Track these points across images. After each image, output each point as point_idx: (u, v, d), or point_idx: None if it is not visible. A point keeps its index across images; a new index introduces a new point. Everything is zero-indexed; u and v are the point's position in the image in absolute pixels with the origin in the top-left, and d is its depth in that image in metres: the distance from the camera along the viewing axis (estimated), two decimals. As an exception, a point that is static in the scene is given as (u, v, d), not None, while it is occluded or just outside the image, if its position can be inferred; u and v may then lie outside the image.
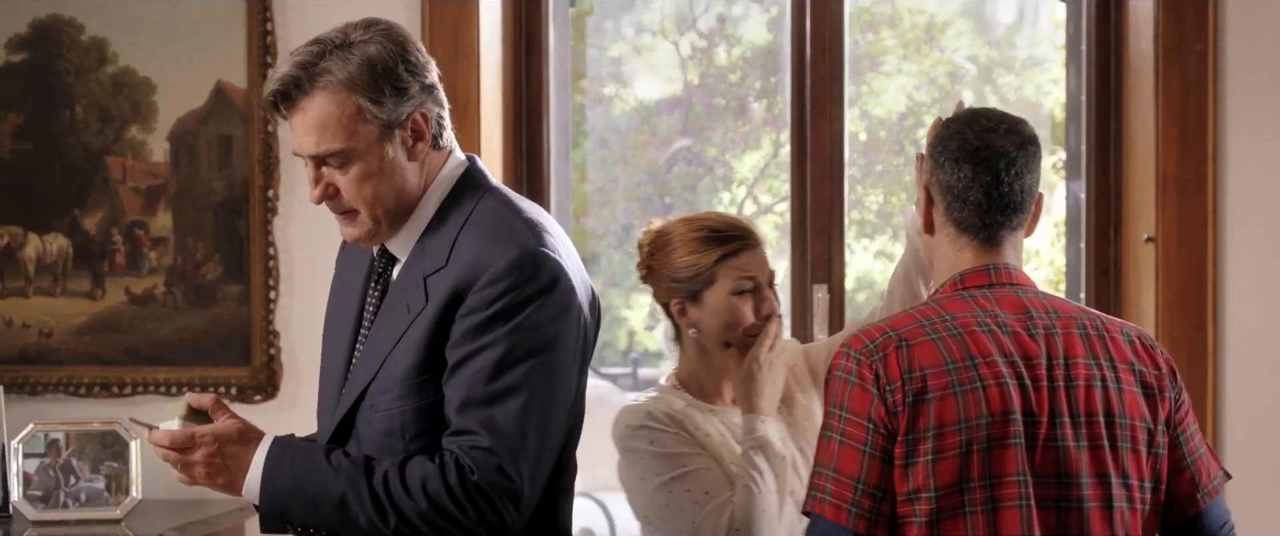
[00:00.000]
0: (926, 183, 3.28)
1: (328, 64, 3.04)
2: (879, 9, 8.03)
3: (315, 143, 3.05)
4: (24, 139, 5.09)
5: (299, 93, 3.05)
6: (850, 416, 3.07)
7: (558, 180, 5.29)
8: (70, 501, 4.81)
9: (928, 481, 3.03)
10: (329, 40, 3.06)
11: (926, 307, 3.17)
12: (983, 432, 3.05)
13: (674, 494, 3.49)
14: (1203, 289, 4.88)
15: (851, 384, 3.08)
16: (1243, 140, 4.91)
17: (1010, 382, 3.08)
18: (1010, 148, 3.21)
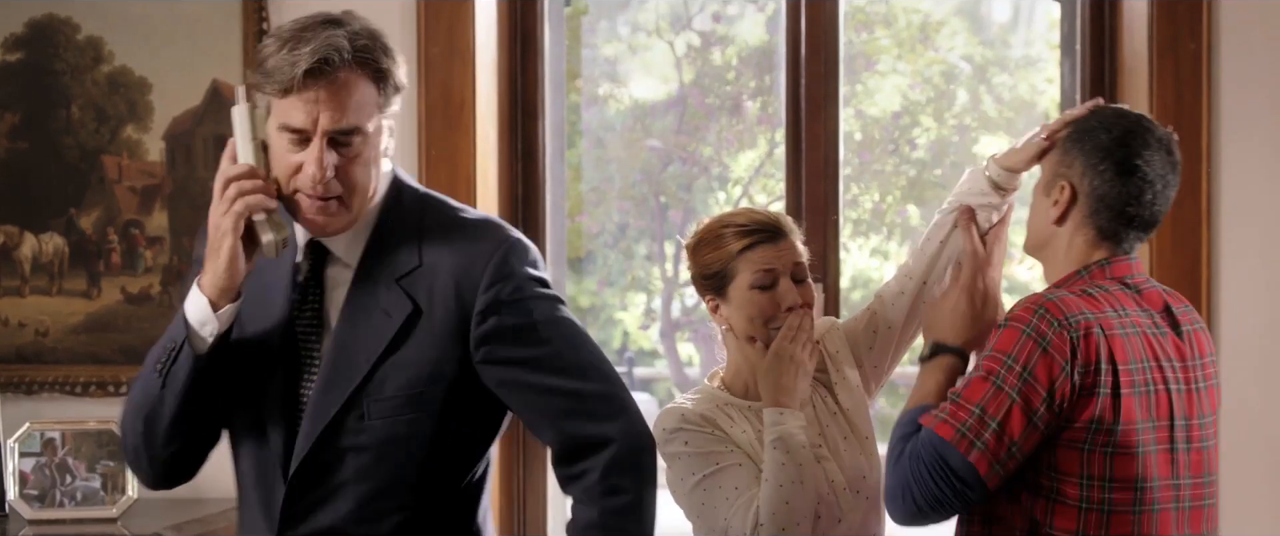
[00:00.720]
0: (1068, 177, 3.35)
1: (366, 44, 3.03)
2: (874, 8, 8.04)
3: (339, 118, 3.01)
4: (20, 138, 5.10)
5: (340, 65, 3.00)
6: (1032, 381, 3.14)
7: (553, 180, 5.29)
8: (66, 500, 4.81)
9: (1104, 471, 3.15)
10: (349, 23, 3.04)
11: (1105, 295, 3.27)
12: (1152, 435, 3.18)
13: (708, 491, 3.50)
14: (1197, 288, 4.88)
15: (1042, 349, 3.15)
16: (1237, 140, 4.92)
17: (1172, 388, 3.23)
18: (1166, 172, 3.35)
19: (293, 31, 3.00)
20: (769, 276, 3.56)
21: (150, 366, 3.06)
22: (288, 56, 2.96)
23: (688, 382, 8.73)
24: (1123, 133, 3.32)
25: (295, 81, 2.96)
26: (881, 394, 4.00)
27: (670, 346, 8.93)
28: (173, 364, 3.04)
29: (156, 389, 3.05)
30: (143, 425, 3.09)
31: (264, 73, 2.99)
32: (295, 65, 2.95)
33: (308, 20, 3.02)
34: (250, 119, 3.05)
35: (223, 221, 3.00)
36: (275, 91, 2.99)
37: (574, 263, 8.42)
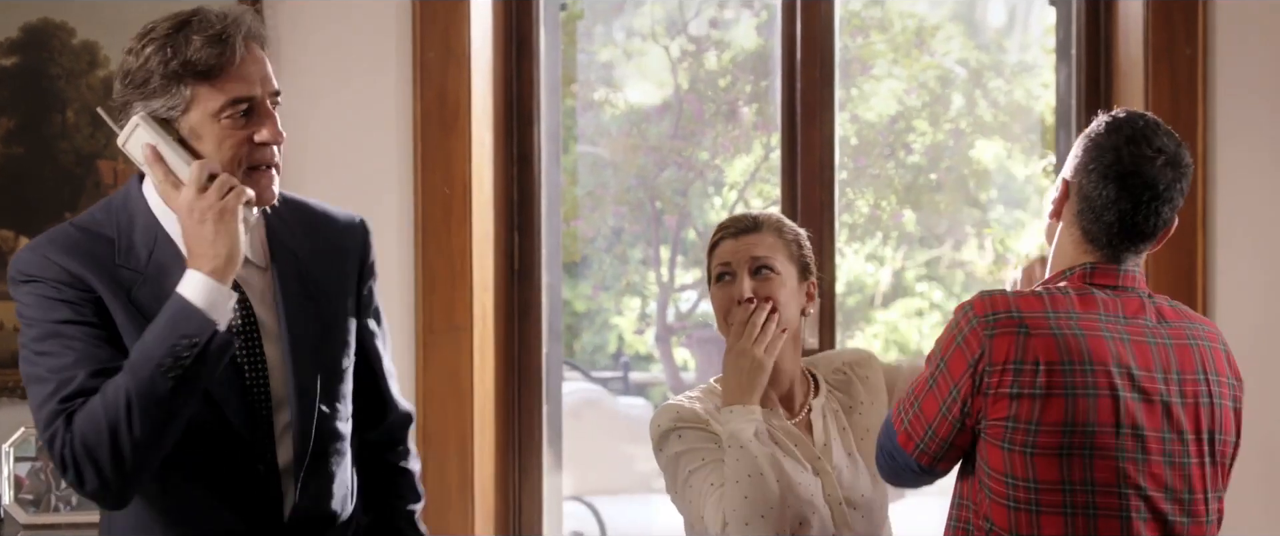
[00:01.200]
0: (1068, 173, 3.34)
1: (255, 20, 3.19)
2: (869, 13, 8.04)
3: (272, 82, 3.18)
4: (15, 143, 5.09)
5: (256, 36, 3.18)
6: (945, 373, 3.21)
7: (548, 184, 5.29)
8: (61, 505, 4.81)
9: (1026, 472, 3.13)
10: (216, 9, 3.16)
11: (1059, 295, 3.24)
12: (1086, 439, 3.13)
13: (692, 487, 3.50)
14: (1192, 293, 4.89)
15: (957, 344, 3.20)
16: (1232, 144, 4.92)
17: (1122, 394, 3.15)
18: (1161, 180, 3.29)
19: (178, 25, 3.10)
20: (725, 268, 3.58)
21: (150, 376, 2.96)
22: (207, 41, 3.06)
23: (683, 387, 8.72)
24: (1122, 139, 3.28)
25: (233, 58, 3.07)
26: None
27: (666, 351, 8.92)
28: (196, 360, 2.98)
29: (165, 393, 2.96)
30: (147, 436, 2.97)
31: (184, 64, 3.06)
32: (228, 42, 3.06)
33: (177, 17, 3.13)
34: (157, 128, 3.08)
35: (225, 202, 3.03)
36: (205, 78, 3.06)
37: (569, 267, 8.42)
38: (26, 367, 3.08)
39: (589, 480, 8.37)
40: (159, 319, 3.00)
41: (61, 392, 3.00)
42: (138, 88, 3.08)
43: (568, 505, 7.35)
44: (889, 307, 8.85)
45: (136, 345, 3.01)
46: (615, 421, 8.88)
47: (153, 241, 3.14)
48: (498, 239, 5.19)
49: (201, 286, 3.00)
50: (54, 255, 3.09)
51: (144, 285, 3.10)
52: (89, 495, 3.05)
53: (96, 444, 2.97)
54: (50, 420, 3.00)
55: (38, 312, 3.07)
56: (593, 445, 8.49)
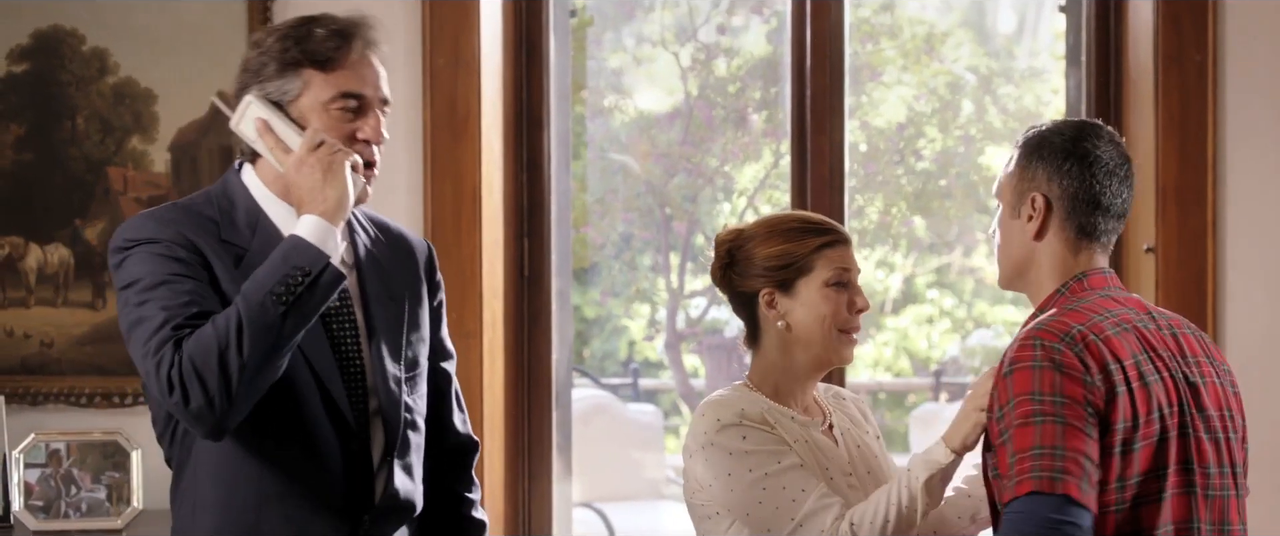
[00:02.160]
0: (1035, 189, 3.34)
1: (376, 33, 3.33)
2: (879, 19, 8.04)
3: (384, 89, 3.29)
4: (25, 149, 5.10)
5: (378, 43, 3.32)
6: (1068, 401, 3.10)
7: (558, 191, 5.29)
8: (71, 511, 4.82)
9: (1132, 469, 3.14)
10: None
11: (1089, 305, 3.27)
12: (1165, 423, 3.18)
13: (768, 490, 3.40)
14: (1203, 299, 4.88)
15: (1059, 370, 3.11)
16: (1242, 150, 4.92)
17: (1172, 376, 3.23)
18: (1123, 161, 3.38)
19: (303, 20, 3.25)
20: (846, 275, 3.55)
21: (261, 301, 3.05)
22: (328, 34, 3.21)
23: (693, 394, 8.73)
24: (1074, 132, 3.35)
25: (350, 53, 3.22)
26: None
27: (675, 358, 8.92)
28: (306, 289, 3.08)
29: (275, 319, 3.05)
30: (255, 361, 3.05)
31: (304, 51, 3.20)
32: (347, 38, 3.22)
33: (303, 16, 3.28)
34: (271, 107, 3.21)
35: (334, 159, 3.17)
36: (319, 67, 3.20)
37: (579, 273, 8.42)
38: (130, 314, 3.14)
39: (598, 486, 8.37)
40: (274, 254, 3.12)
41: (173, 321, 3.09)
42: (254, 73, 3.24)
43: (577, 511, 7.35)
44: (899, 314, 8.85)
45: (249, 279, 3.10)
46: (625, 428, 8.88)
47: (254, 222, 3.27)
48: (507, 245, 5.20)
49: (313, 225, 3.12)
50: (167, 222, 3.21)
51: (249, 261, 3.20)
52: (192, 415, 3.08)
53: (204, 364, 3.04)
54: (159, 347, 3.08)
55: (147, 268, 3.15)
56: (602, 451, 8.50)
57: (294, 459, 3.24)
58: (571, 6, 5.44)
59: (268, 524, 3.25)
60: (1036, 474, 3.05)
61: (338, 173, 3.15)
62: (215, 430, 3.12)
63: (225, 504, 3.26)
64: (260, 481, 3.23)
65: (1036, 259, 3.38)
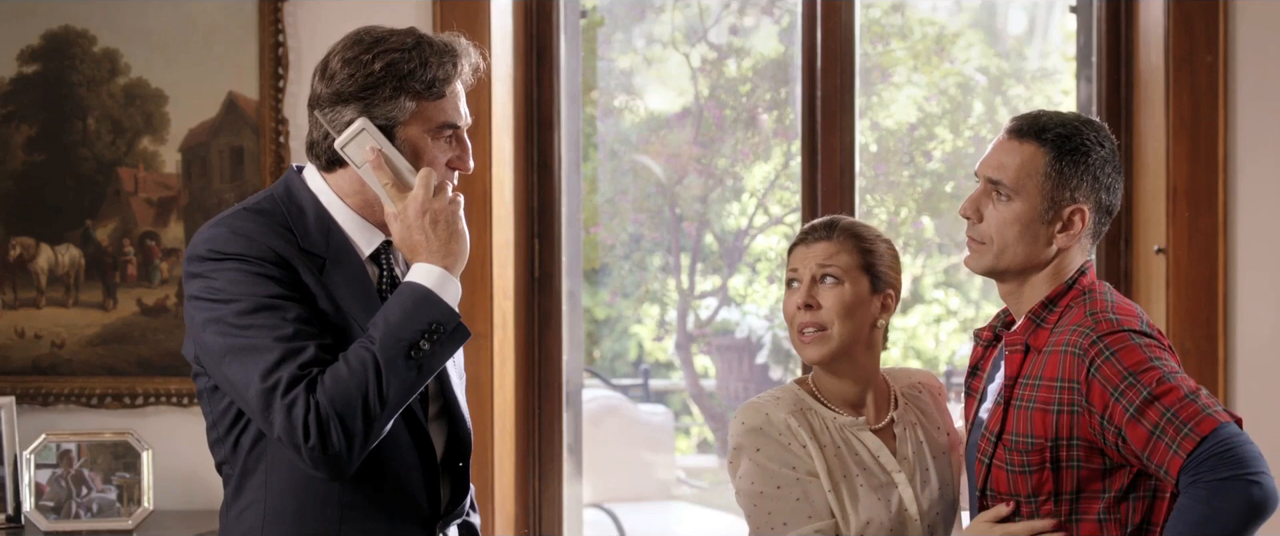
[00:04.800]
0: (1076, 201, 3.37)
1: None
2: (890, 20, 8.03)
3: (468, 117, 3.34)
4: (36, 150, 5.11)
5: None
6: (1167, 349, 3.29)
7: (568, 191, 5.29)
8: (82, 512, 4.82)
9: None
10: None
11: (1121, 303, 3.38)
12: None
13: (758, 509, 3.49)
14: (1213, 300, 4.88)
15: (1149, 336, 3.26)
16: (1253, 152, 4.92)
17: None
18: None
19: (417, 42, 3.24)
20: (793, 275, 3.57)
21: (401, 354, 3.09)
22: (442, 63, 3.22)
23: (703, 395, 8.73)
24: (1109, 138, 3.39)
25: (459, 81, 3.27)
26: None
27: (686, 358, 8.91)
28: (441, 343, 3.13)
29: (412, 371, 3.10)
30: (392, 406, 3.10)
31: (420, 81, 3.20)
32: (458, 68, 3.26)
33: (412, 34, 3.26)
34: (381, 134, 3.19)
35: (455, 211, 3.22)
36: (430, 96, 3.22)
37: (589, 274, 8.41)
38: (229, 341, 3.11)
39: (609, 487, 8.37)
40: (397, 302, 3.13)
41: (297, 360, 3.07)
42: (361, 93, 3.19)
43: (588, 512, 7.35)
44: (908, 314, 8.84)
45: (378, 324, 3.11)
46: (635, 428, 8.87)
47: (326, 228, 3.25)
48: (518, 246, 5.20)
49: (438, 277, 3.16)
50: (254, 235, 3.17)
51: (330, 269, 3.22)
52: (325, 458, 3.07)
53: (346, 408, 3.05)
54: (289, 385, 3.05)
55: (242, 288, 3.12)
56: (613, 452, 8.49)
57: (373, 468, 3.22)
58: (582, 7, 5.44)
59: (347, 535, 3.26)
60: (1209, 411, 3.13)
61: (461, 225, 3.20)
62: (343, 474, 3.13)
63: (300, 514, 3.23)
64: (341, 492, 3.22)
65: (1046, 262, 3.39)
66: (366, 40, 3.21)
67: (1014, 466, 3.31)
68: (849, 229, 3.59)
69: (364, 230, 3.24)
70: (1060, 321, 3.34)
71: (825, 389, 3.60)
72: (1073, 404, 3.24)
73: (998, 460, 3.35)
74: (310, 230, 3.23)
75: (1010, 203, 3.37)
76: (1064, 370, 3.26)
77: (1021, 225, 3.37)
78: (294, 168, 3.33)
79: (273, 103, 5.02)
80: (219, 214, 3.28)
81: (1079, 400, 3.23)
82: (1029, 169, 3.35)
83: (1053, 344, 3.32)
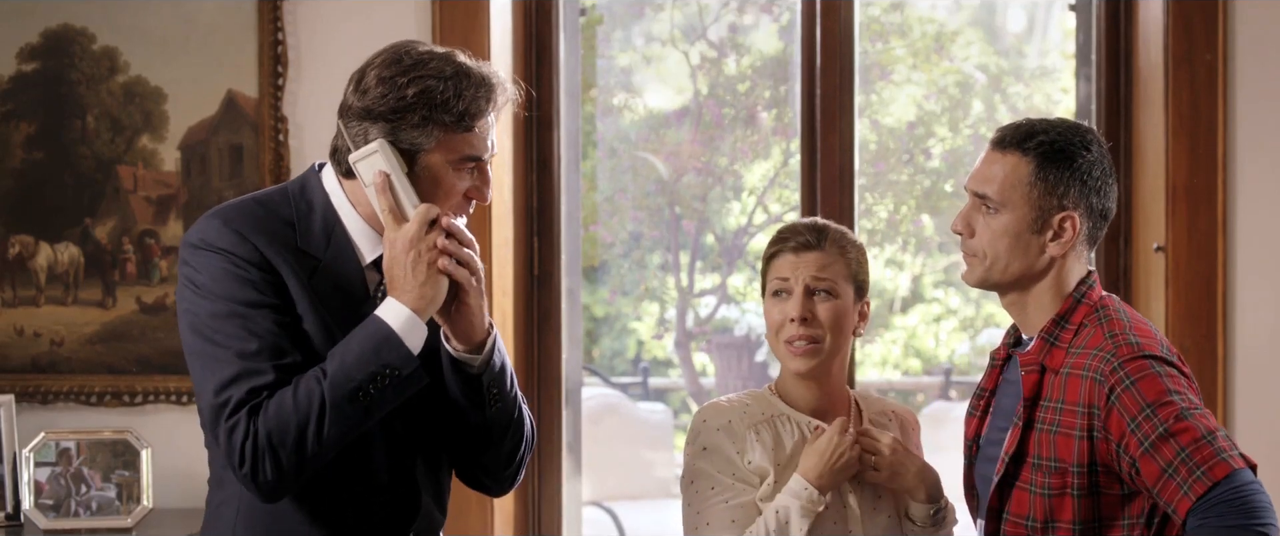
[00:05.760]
0: (1066, 209, 3.35)
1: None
2: (889, 18, 8.04)
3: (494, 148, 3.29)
4: (35, 148, 5.10)
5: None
6: (1188, 381, 3.26)
7: (568, 190, 5.29)
8: (81, 510, 4.82)
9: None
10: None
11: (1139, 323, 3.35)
12: None
13: (691, 504, 3.52)
14: (1213, 298, 4.88)
15: (1175, 363, 3.25)
16: (1252, 150, 4.91)
17: None
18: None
19: (457, 72, 3.18)
20: (783, 284, 3.54)
21: (349, 394, 3.07)
22: (476, 95, 3.17)
23: (703, 393, 8.73)
24: (1098, 141, 3.37)
25: (490, 116, 3.21)
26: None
27: (685, 356, 8.92)
28: (392, 387, 3.10)
29: (359, 411, 3.08)
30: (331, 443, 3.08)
31: (451, 113, 3.15)
32: (493, 102, 3.20)
33: (449, 61, 3.20)
34: (394, 158, 3.16)
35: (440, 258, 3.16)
36: (459, 128, 3.16)
37: (588, 272, 8.42)
38: (197, 341, 3.13)
39: (608, 485, 8.37)
40: (360, 338, 3.11)
41: (249, 383, 3.08)
42: (389, 115, 3.16)
43: (587, 510, 7.35)
44: (907, 313, 8.85)
45: (335, 357, 3.10)
46: (635, 427, 8.87)
47: (330, 230, 3.24)
48: (517, 244, 5.20)
49: (405, 319, 3.11)
50: (246, 231, 3.16)
51: (322, 273, 3.20)
52: (258, 486, 3.09)
53: (281, 442, 3.05)
54: (234, 408, 3.07)
55: (220, 287, 3.13)
56: (612, 450, 8.50)
57: (344, 474, 3.23)
58: (581, 5, 5.44)
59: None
60: (1224, 455, 3.11)
61: (440, 275, 3.15)
62: (275, 498, 3.15)
63: (274, 512, 3.23)
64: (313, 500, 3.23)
65: (1048, 272, 3.38)
66: (406, 61, 3.17)
67: (1037, 488, 3.29)
68: (838, 237, 3.57)
69: (370, 238, 3.23)
70: (1075, 340, 3.32)
71: (793, 394, 3.58)
72: (1093, 429, 3.22)
73: (1022, 481, 3.32)
74: (313, 228, 3.22)
75: (998, 215, 3.34)
76: (1085, 395, 3.24)
77: (1011, 237, 3.34)
78: (315, 165, 3.33)
79: (272, 101, 5.01)
80: (230, 199, 3.31)
81: (1099, 426, 3.21)
82: (1013, 179, 3.33)
83: (1071, 366, 3.29)
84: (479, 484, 3.48)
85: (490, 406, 3.25)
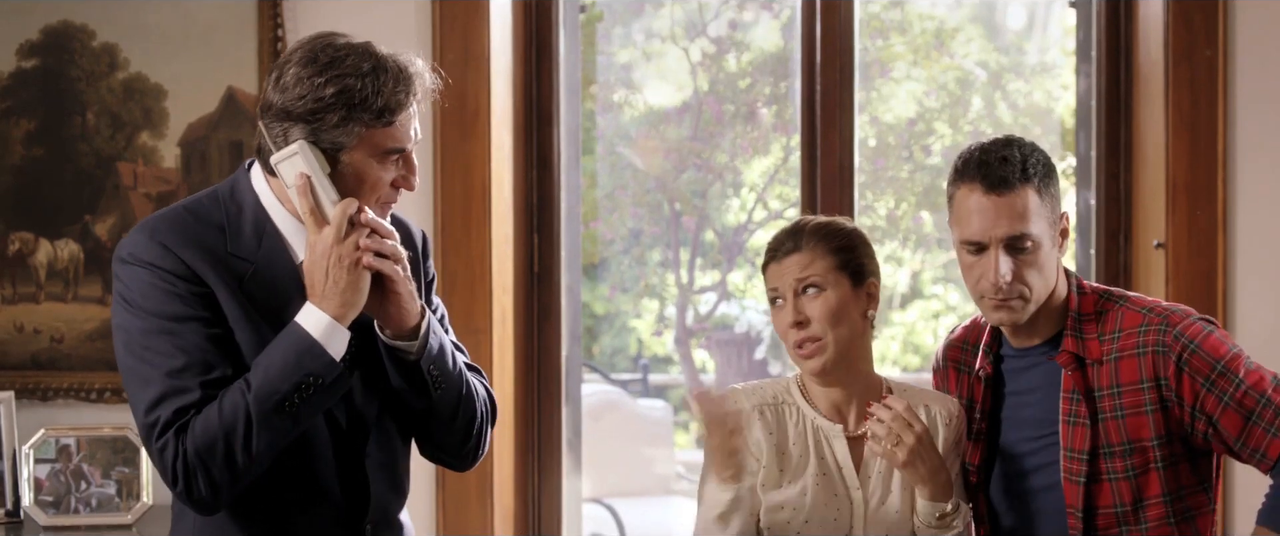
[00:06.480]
0: (1059, 206, 3.47)
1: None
2: (889, 15, 8.03)
3: (419, 130, 3.27)
4: (35, 145, 5.10)
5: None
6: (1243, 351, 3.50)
7: (568, 187, 5.29)
8: (81, 507, 4.82)
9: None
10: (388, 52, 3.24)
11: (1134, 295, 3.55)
12: None
13: (701, 487, 3.55)
14: (1213, 295, 4.88)
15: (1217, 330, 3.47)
16: (1252, 147, 4.91)
17: None
18: None
19: (374, 68, 3.15)
20: (775, 293, 3.56)
21: (274, 406, 3.06)
22: (396, 89, 3.15)
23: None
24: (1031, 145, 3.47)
25: (409, 109, 3.18)
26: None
27: (685, 353, 8.92)
28: (318, 393, 3.09)
29: (285, 421, 3.08)
30: (261, 454, 3.08)
31: (370, 110, 3.12)
32: (412, 95, 3.18)
33: (366, 54, 3.18)
34: (314, 159, 3.14)
35: (359, 253, 3.13)
36: (380, 123, 3.14)
37: (588, 269, 8.42)
38: (129, 359, 3.14)
39: (608, 482, 8.37)
40: (282, 347, 3.09)
41: (175, 402, 3.08)
42: (308, 116, 3.13)
43: (587, 507, 7.35)
44: (907, 309, 8.85)
45: (258, 369, 3.09)
46: (635, 423, 8.87)
47: (261, 231, 3.22)
48: (517, 241, 5.20)
49: (326, 326, 3.10)
50: (172, 244, 3.15)
51: (255, 277, 3.19)
52: (193, 502, 3.12)
53: (210, 458, 3.06)
54: (162, 429, 3.08)
55: (148, 303, 3.12)
56: (612, 447, 8.49)
57: (288, 475, 3.22)
58: (581, 2, 5.44)
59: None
60: None
61: (362, 275, 3.13)
62: (211, 513, 3.17)
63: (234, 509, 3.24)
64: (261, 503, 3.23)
65: (1056, 274, 3.49)
66: (322, 58, 3.15)
67: (1116, 474, 3.37)
68: (816, 232, 3.56)
69: (302, 235, 3.20)
70: (1103, 327, 3.43)
71: (812, 392, 3.59)
72: (1163, 400, 3.36)
73: (1100, 472, 3.40)
74: (244, 230, 3.21)
75: (1034, 252, 3.41)
76: (1146, 370, 3.37)
77: (1051, 264, 3.46)
78: (245, 164, 3.31)
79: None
80: (160, 209, 3.30)
81: (1169, 395, 3.35)
82: (1034, 210, 3.41)
83: (1117, 350, 3.40)
84: (440, 461, 3.48)
85: (434, 389, 3.24)
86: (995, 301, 3.40)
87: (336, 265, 3.10)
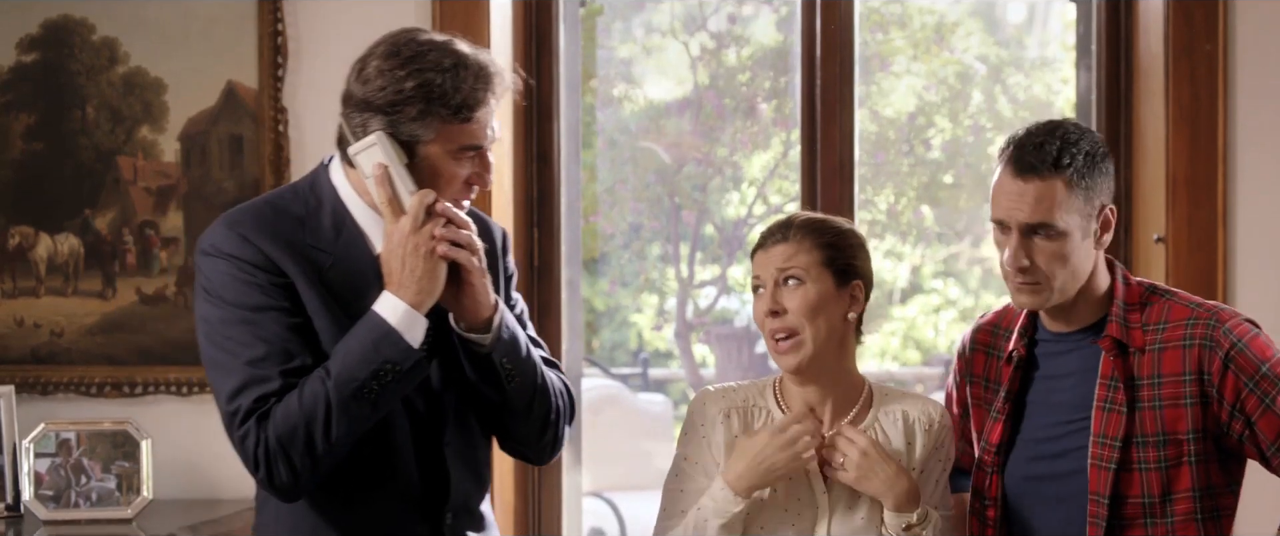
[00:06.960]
0: (1103, 200, 3.44)
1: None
2: (889, 9, 8.03)
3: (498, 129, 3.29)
4: (35, 139, 5.10)
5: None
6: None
7: (568, 181, 5.29)
8: (81, 501, 4.82)
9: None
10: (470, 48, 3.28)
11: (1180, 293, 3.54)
12: None
13: (666, 489, 3.54)
14: (1213, 290, 4.88)
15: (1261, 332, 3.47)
16: (1253, 142, 4.91)
17: None
18: None
19: (454, 63, 3.19)
20: (757, 281, 3.53)
21: (353, 393, 3.10)
22: (475, 87, 3.19)
23: (702, 383, 8.73)
24: (1084, 130, 3.45)
25: (488, 106, 3.22)
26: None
27: (685, 347, 8.92)
28: (395, 381, 3.13)
29: (365, 407, 3.12)
30: (341, 441, 3.12)
31: (449, 105, 3.16)
32: (491, 92, 3.22)
33: (447, 50, 3.21)
34: (392, 149, 3.18)
35: (436, 242, 3.16)
36: (458, 118, 3.18)
37: (588, 263, 8.42)
38: (210, 349, 3.20)
39: (608, 476, 8.37)
40: (361, 335, 3.14)
41: (256, 391, 3.13)
42: (388, 108, 3.18)
43: (587, 501, 7.35)
44: (907, 303, 8.85)
45: (337, 356, 3.13)
46: (635, 418, 8.88)
47: (340, 223, 3.27)
48: (517, 236, 5.20)
49: (403, 314, 3.14)
50: (251, 236, 3.20)
51: (334, 267, 3.23)
52: (275, 489, 3.17)
53: (291, 444, 3.11)
54: (244, 417, 3.13)
55: (228, 294, 3.18)
56: (612, 441, 8.50)
57: (368, 461, 3.26)
58: (581, -4, 5.44)
59: (355, 525, 3.30)
60: None
61: (438, 264, 3.16)
62: (293, 500, 3.22)
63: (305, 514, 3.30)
64: (342, 490, 3.28)
65: (1089, 264, 3.44)
66: (405, 52, 3.19)
67: (1148, 464, 3.38)
68: (805, 226, 3.51)
69: (379, 227, 3.25)
70: (1148, 318, 3.45)
71: (788, 393, 3.55)
72: (1204, 395, 3.37)
73: (1131, 461, 3.40)
74: (323, 223, 3.26)
75: (1061, 239, 3.38)
76: (1191, 363, 3.37)
77: (1080, 253, 3.42)
78: (325, 159, 3.36)
79: (272, 92, 5.01)
80: (247, 201, 3.36)
81: (1210, 390, 3.36)
82: (1061, 198, 3.37)
83: (1161, 340, 3.41)
84: (518, 453, 3.51)
85: (507, 382, 3.27)
86: (1015, 283, 3.41)
87: (413, 253, 3.15)
